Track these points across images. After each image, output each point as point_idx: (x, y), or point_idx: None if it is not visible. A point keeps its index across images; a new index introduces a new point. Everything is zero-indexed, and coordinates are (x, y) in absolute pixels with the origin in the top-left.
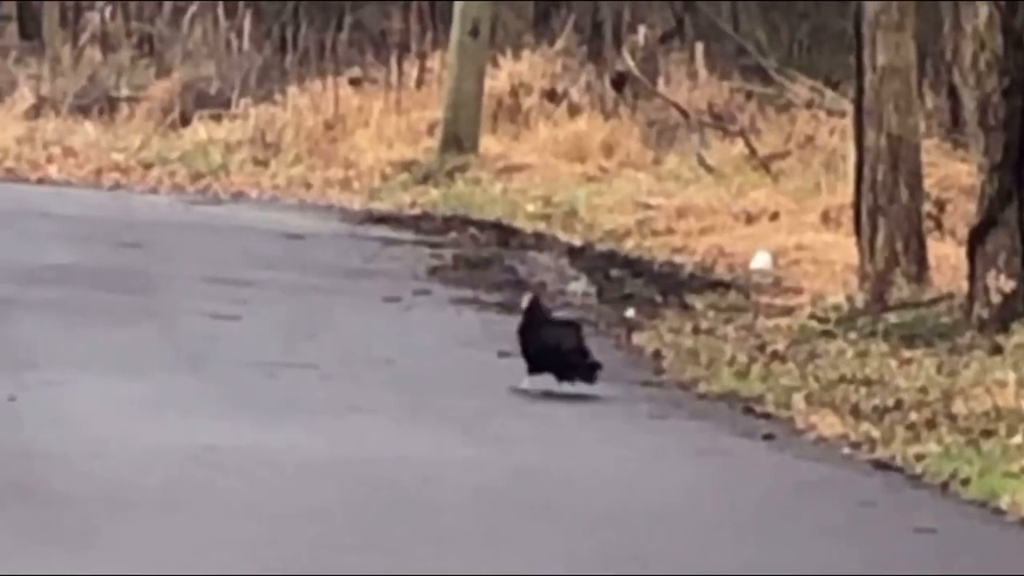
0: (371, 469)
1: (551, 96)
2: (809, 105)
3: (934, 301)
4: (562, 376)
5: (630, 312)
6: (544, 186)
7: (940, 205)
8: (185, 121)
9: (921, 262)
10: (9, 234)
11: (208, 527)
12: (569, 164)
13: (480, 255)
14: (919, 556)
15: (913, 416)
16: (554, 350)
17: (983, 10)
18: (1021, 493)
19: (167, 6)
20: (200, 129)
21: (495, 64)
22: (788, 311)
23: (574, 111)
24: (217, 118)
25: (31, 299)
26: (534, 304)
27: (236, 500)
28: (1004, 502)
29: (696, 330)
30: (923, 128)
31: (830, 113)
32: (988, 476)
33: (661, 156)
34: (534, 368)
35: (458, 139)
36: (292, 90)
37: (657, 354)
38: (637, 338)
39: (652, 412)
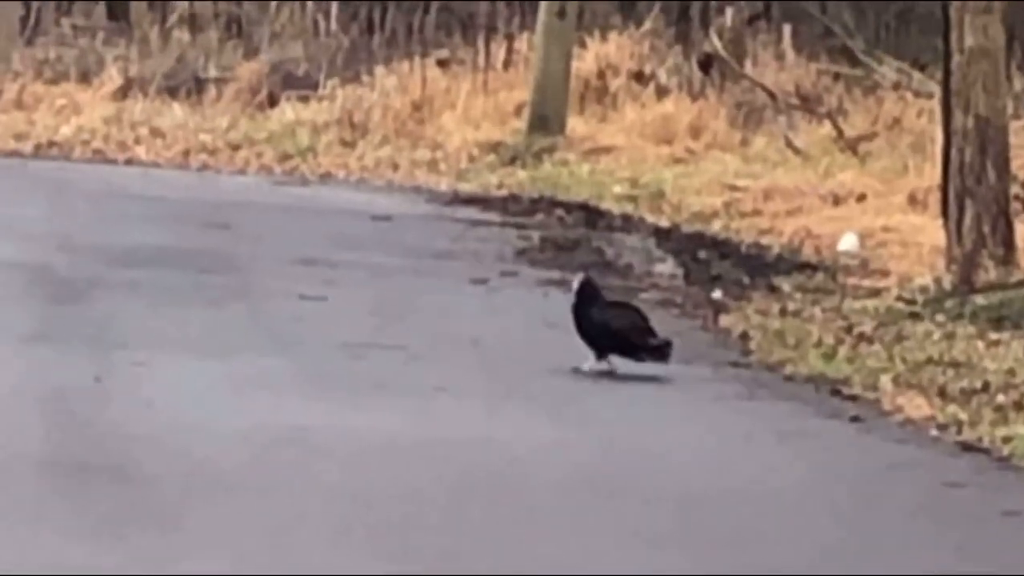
0: (458, 450)
1: (638, 78)
2: (896, 87)
3: (1021, 283)
4: (634, 357)
5: (717, 293)
6: (631, 168)
7: None
8: (273, 102)
9: (1008, 244)
10: (97, 215)
11: (296, 507)
12: (656, 146)
13: (567, 237)
14: (1006, 538)
15: (1000, 398)
16: (613, 331)
17: None
18: None
19: None
20: (287, 110)
21: (582, 45)
22: (875, 293)
23: (661, 93)
24: (304, 99)
25: (118, 280)
26: (586, 284)
27: (324, 480)
28: None
29: (783, 312)
30: (1011, 110)
31: (917, 95)
32: None
33: (748, 138)
34: (598, 349)
35: (545, 120)
36: (379, 71)
37: (744, 336)
38: (724, 320)
39: (739, 394)
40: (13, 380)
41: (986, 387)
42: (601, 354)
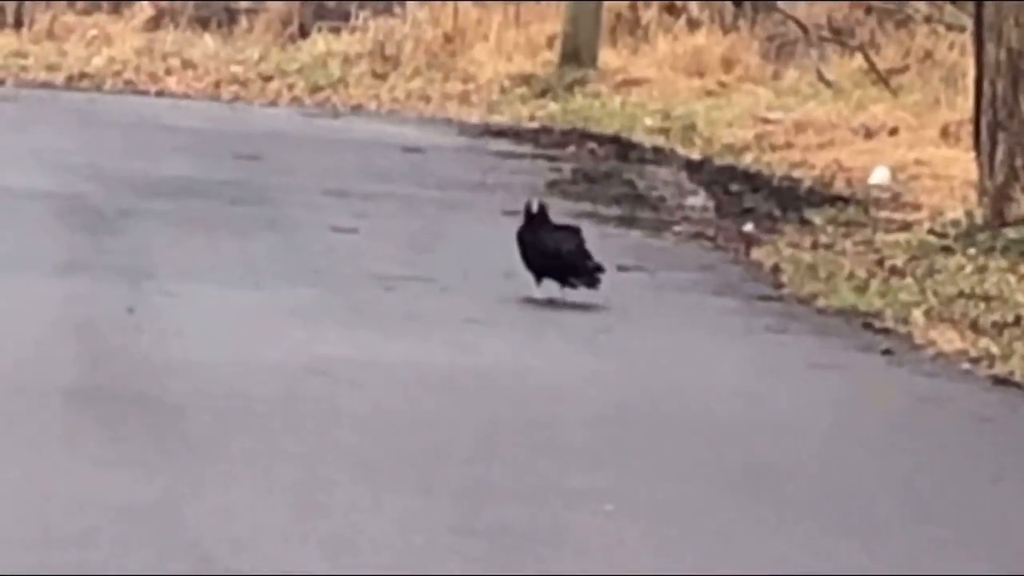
0: (490, 381)
1: (670, 10)
2: (928, 20)
3: None
4: (564, 282)
5: (749, 227)
6: (663, 100)
7: None
8: (304, 34)
9: None
10: (128, 146)
11: (326, 438)
12: (688, 78)
13: (599, 169)
14: None
15: None
16: (555, 255)
17: None
18: None
19: None
20: (319, 42)
21: None
22: (907, 226)
23: (693, 25)
24: (336, 31)
25: (150, 210)
26: (541, 211)
27: (354, 411)
28: None
29: (815, 245)
30: None
31: (949, 28)
32: None
33: (780, 71)
34: (538, 274)
35: (577, 53)
36: (411, 3)
37: (776, 269)
38: (756, 253)
39: (771, 326)
40: (45, 310)
41: (1018, 320)
42: (539, 278)
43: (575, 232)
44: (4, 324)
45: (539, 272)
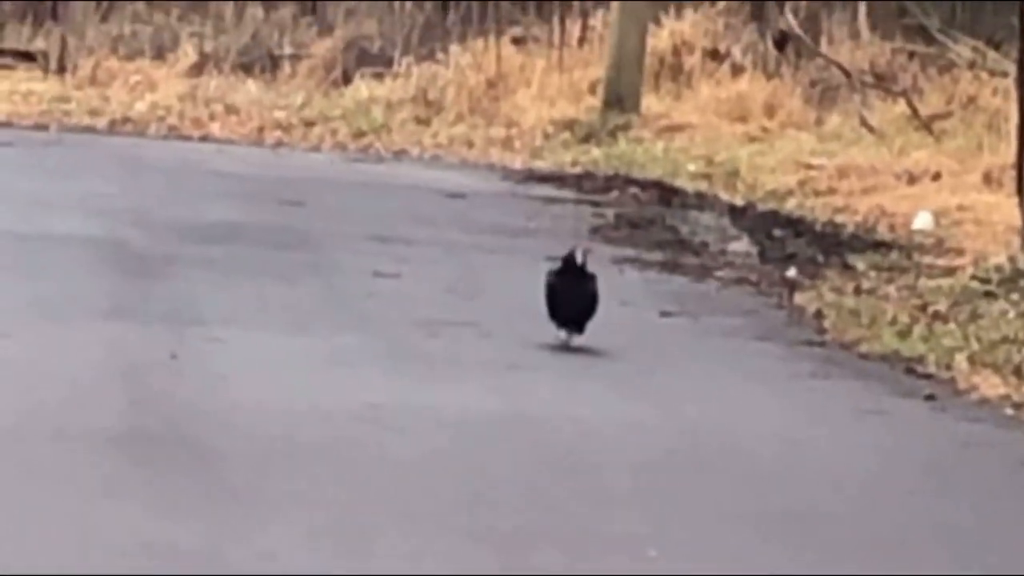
0: (532, 427)
1: (713, 55)
2: (972, 65)
3: None
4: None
5: (792, 272)
6: (706, 145)
7: None
8: (347, 79)
9: None
10: (172, 191)
11: (369, 483)
12: (731, 124)
13: (642, 214)
14: None
15: None
16: (591, 303)
17: None
18: None
19: None
20: (362, 87)
21: (657, 23)
22: (950, 271)
23: (736, 70)
24: (379, 76)
25: (194, 256)
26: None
27: (397, 457)
28: None
29: (858, 290)
30: None
31: (992, 73)
32: None
33: (823, 116)
34: (564, 322)
35: (620, 98)
36: (454, 48)
37: (819, 314)
38: (799, 298)
39: (814, 372)
40: (90, 355)
41: None
42: (564, 324)
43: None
44: (49, 368)
45: (567, 320)
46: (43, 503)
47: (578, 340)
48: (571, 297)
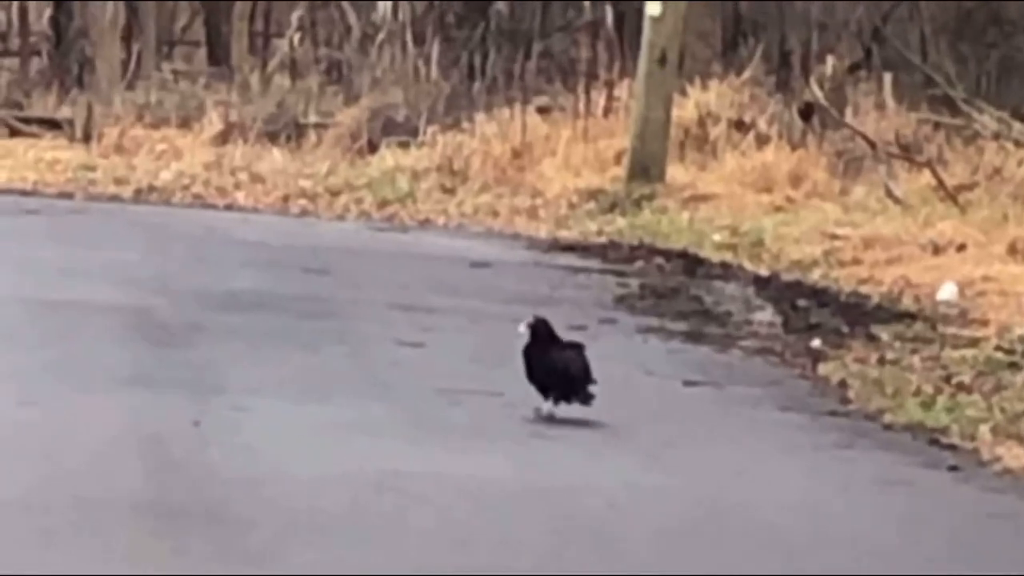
0: (556, 497)
1: (739, 126)
2: (997, 136)
3: None
4: (565, 399)
5: (816, 342)
6: (731, 216)
7: None
8: (373, 148)
9: None
10: (196, 259)
11: (391, 553)
12: (756, 194)
13: (666, 284)
14: None
15: None
16: (563, 373)
17: None
18: None
19: (355, 33)
20: (387, 156)
21: (683, 93)
22: (974, 342)
23: (761, 141)
24: (404, 145)
25: (218, 324)
26: (541, 324)
27: (420, 526)
28: None
29: (882, 360)
30: None
31: (1018, 144)
32: None
33: (848, 186)
34: (543, 390)
35: (645, 168)
36: (480, 118)
37: (843, 384)
38: (823, 368)
39: (838, 442)
40: (113, 423)
41: None
42: (546, 395)
43: (580, 349)
44: (72, 436)
45: (544, 388)
46: (64, 571)
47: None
48: (546, 365)
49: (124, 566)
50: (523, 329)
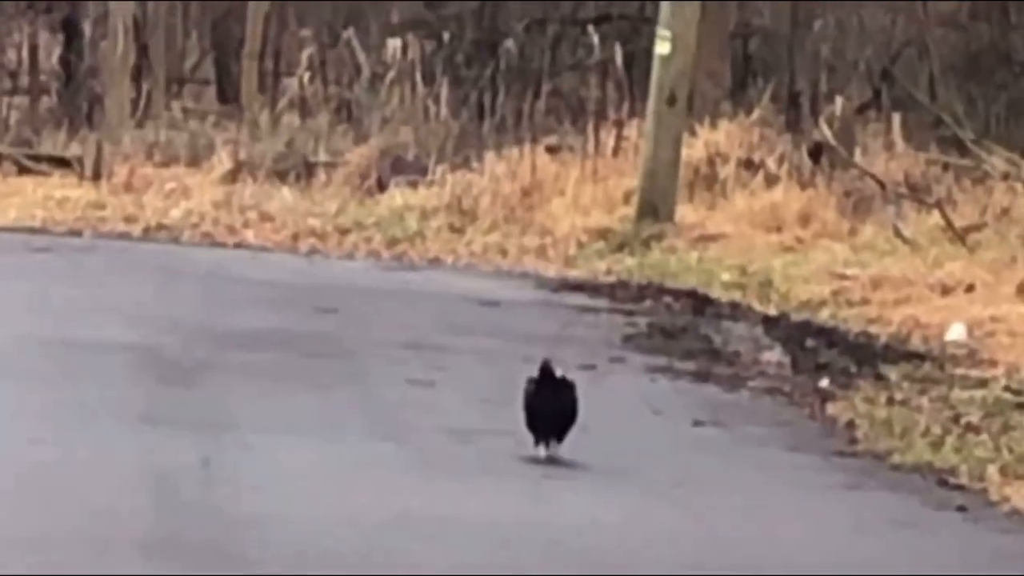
0: (566, 536)
1: (748, 165)
2: (1006, 177)
3: None
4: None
5: (824, 382)
6: (740, 255)
7: None
8: (382, 187)
9: None
10: (206, 298)
11: None
12: (765, 234)
13: (675, 324)
14: None
15: None
16: (571, 414)
17: None
18: None
19: (365, 72)
20: (397, 195)
21: (692, 133)
22: (983, 383)
23: (771, 181)
24: (414, 184)
25: (227, 362)
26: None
27: (430, 566)
28: None
29: (890, 401)
30: None
31: None
32: None
33: (857, 226)
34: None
35: (654, 208)
36: (489, 157)
37: (851, 424)
38: (831, 408)
39: (846, 482)
40: (121, 461)
41: None
42: (545, 437)
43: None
44: (80, 475)
45: (548, 432)
46: None
47: (562, 450)
48: (550, 409)
49: None
50: (560, 372)
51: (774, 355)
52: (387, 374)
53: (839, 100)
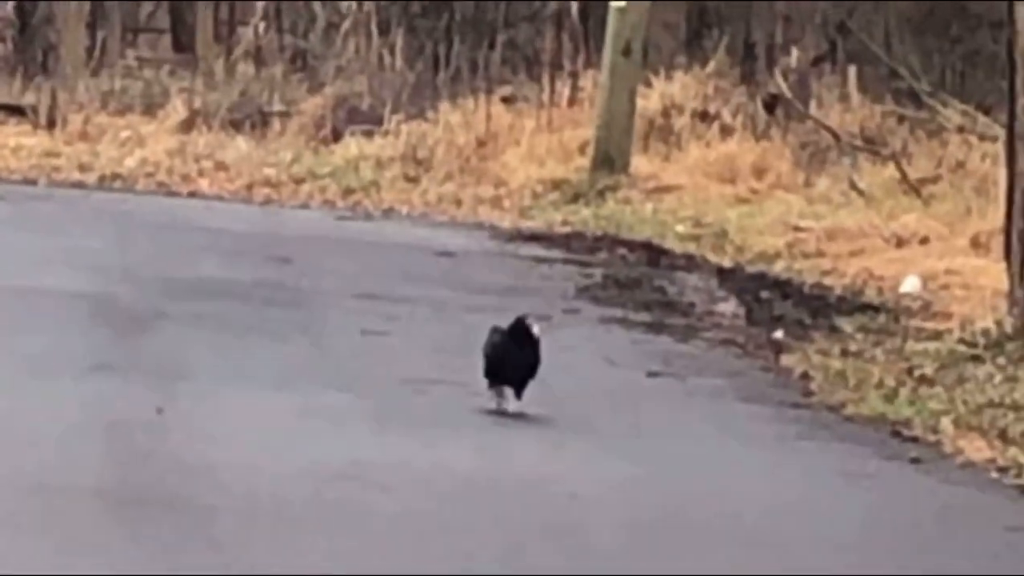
0: (520, 487)
1: (703, 117)
2: (961, 130)
3: None
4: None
5: (779, 334)
6: (694, 207)
7: None
8: (337, 137)
9: None
10: (160, 247)
11: (354, 542)
12: (720, 185)
13: (629, 275)
14: None
15: None
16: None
17: None
18: None
19: (320, 22)
20: (351, 145)
21: (647, 84)
22: (937, 335)
23: (726, 132)
24: (369, 134)
25: (181, 312)
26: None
27: (382, 516)
28: None
29: (844, 352)
30: None
31: (982, 138)
32: None
33: (812, 178)
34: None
35: (609, 159)
36: (444, 107)
37: (805, 376)
38: (785, 360)
39: (800, 434)
40: (75, 411)
41: None
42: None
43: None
44: (34, 424)
45: (508, 384)
46: (25, 559)
47: (520, 405)
48: (515, 363)
49: (86, 553)
50: (537, 329)
51: (728, 306)
52: (341, 324)
53: (795, 52)
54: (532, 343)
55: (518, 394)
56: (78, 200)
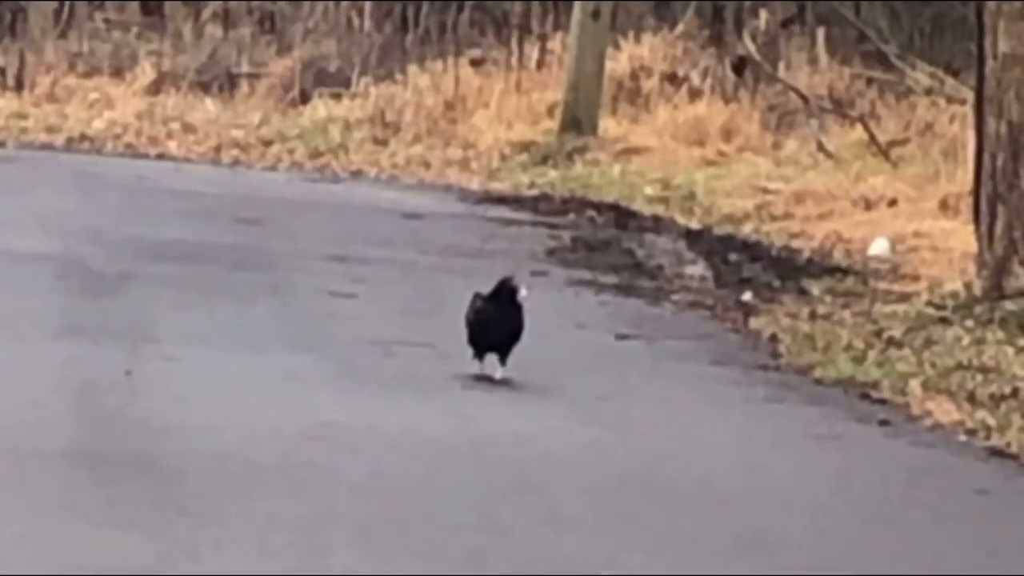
0: (487, 448)
1: (671, 79)
2: (929, 92)
3: None
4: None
5: (747, 296)
6: (663, 169)
7: None
8: (305, 99)
9: None
10: (128, 209)
11: (323, 503)
12: (688, 148)
13: (598, 237)
14: None
15: None
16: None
17: None
18: None
19: None
20: (320, 107)
21: (616, 47)
22: (905, 297)
23: (694, 95)
24: (337, 96)
25: (150, 273)
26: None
27: (351, 477)
28: None
29: (813, 315)
30: None
31: (950, 100)
32: None
33: (780, 141)
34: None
35: (578, 121)
36: (412, 70)
37: (774, 338)
38: (754, 322)
39: (768, 396)
40: (44, 373)
41: (1015, 392)
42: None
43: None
44: (2, 386)
45: (491, 350)
46: None
47: (506, 372)
48: (501, 326)
49: (56, 515)
50: (525, 292)
51: (697, 269)
52: (309, 286)
53: (763, 14)
54: (516, 307)
55: (502, 360)
56: (46, 162)
